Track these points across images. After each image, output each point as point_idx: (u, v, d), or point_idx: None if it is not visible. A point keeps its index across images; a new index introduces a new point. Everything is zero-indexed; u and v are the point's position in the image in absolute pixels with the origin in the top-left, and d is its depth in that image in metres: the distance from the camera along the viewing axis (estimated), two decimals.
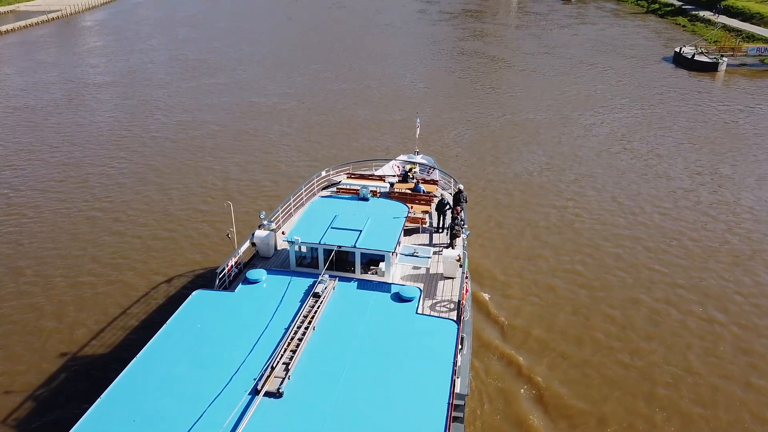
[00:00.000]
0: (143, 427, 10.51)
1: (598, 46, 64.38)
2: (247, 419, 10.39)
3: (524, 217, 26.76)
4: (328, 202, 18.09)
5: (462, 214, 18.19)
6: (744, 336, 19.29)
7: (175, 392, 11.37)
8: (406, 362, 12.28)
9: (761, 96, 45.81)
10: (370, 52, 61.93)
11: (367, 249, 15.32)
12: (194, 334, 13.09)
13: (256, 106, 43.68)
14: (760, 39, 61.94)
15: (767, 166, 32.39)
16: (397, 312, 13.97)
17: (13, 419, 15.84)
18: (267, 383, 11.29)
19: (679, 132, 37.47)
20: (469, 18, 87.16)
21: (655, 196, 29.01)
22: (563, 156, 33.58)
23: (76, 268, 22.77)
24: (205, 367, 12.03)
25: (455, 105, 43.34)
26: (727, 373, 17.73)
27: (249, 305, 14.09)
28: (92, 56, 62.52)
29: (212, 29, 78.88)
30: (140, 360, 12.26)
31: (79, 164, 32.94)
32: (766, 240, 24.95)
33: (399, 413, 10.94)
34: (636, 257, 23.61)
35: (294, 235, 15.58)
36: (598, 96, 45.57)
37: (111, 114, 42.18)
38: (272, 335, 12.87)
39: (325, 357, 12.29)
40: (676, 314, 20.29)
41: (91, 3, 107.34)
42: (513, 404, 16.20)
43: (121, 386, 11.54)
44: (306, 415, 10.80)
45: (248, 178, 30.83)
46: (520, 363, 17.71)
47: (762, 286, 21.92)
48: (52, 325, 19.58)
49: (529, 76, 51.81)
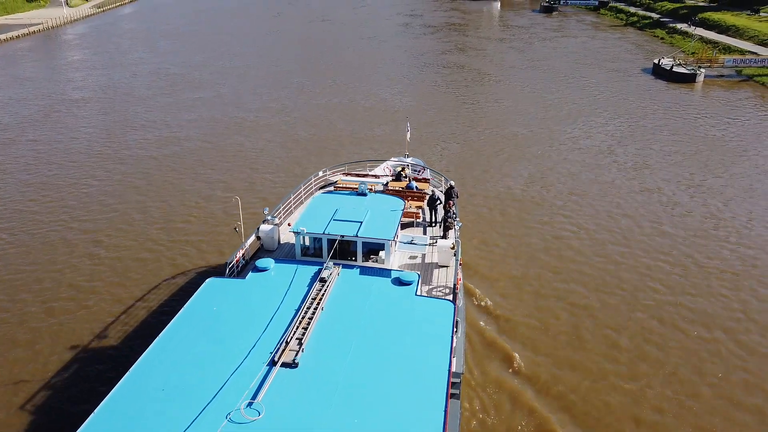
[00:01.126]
0: (172, 396, 11.50)
1: (580, 59, 65.17)
2: (266, 386, 11.46)
3: (514, 234, 26.38)
4: (329, 197, 19.31)
5: (454, 207, 19.48)
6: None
7: (198, 365, 12.30)
8: (407, 339, 13.35)
9: (740, 107, 46.57)
10: (354, 66, 62.08)
11: (369, 238, 16.33)
12: (211, 316, 14.07)
13: (239, 121, 43.30)
14: (736, 50, 63.19)
15: (753, 179, 32.40)
16: (397, 294, 14.99)
17: (55, 388, 17.43)
18: (283, 355, 12.35)
19: (664, 144, 37.67)
20: (452, 31, 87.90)
21: (644, 207, 29.01)
22: (551, 171, 33.37)
23: (66, 281, 22.32)
24: (224, 343, 12.98)
25: (440, 119, 43.29)
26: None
27: (260, 290, 15.05)
28: (71, 71, 62.02)
29: (195, 43, 78.63)
30: (162, 339, 13.20)
31: (55, 183, 32.24)
32: (761, 255, 24.91)
33: (403, 385, 11.90)
34: (631, 274, 23.48)
35: (299, 226, 16.63)
36: (582, 109, 45.91)
37: (88, 131, 41.56)
38: (284, 315, 13.85)
39: (334, 333, 13.31)
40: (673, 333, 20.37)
41: (73, 16, 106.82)
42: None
43: (147, 362, 12.49)
44: (319, 382, 11.83)
45: (230, 195, 30.17)
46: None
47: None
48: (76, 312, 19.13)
49: (514, 89, 52.17)
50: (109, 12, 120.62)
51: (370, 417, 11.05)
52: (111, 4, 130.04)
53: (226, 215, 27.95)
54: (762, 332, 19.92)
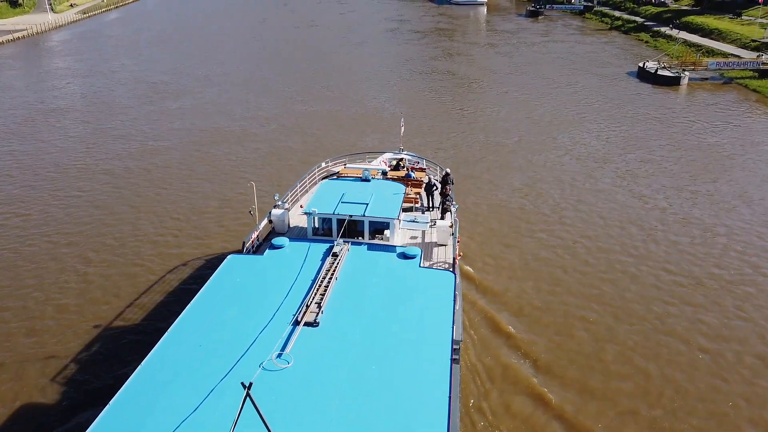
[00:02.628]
0: (209, 351, 12.93)
1: (567, 63, 65.70)
2: (292, 342, 12.97)
3: (511, 244, 26.21)
4: (336, 183, 20.95)
5: (450, 192, 21.24)
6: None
7: (229, 327, 13.78)
8: (413, 303, 14.92)
9: (726, 109, 47.02)
10: (343, 72, 61.95)
11: (375, 217, 18.00)
12: (235, 286, 15.61)
13: (222, 130, 42.32)
14: (719, 53, 64.07)
15: (744, 184, 32.11)
16: (403, 266, 16.66)
17: (107, 350, 19.46)
18: (305, 316, 13.84)
19: (656, 150, 37.29)
20: (440, 36, 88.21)
21: (641, 217, 28.80)
22: (544, 180, 32.79)
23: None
24: (251, 308, 14.48)
25: (429, 128, 42.63)
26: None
27: (278, 264, 16.64)
28: (52, 78, 61.21)
29: (179, 50, 78.11)
30: (193, 306, 14.59)
31: (19, 199, 31.09)
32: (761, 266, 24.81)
33: (411, 343, 13.39)
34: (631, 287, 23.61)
35: (311, 207, 18.32)
36: (570, 113, 46.07)
37: (64, 143, 40.14)
38: (302, 284, 15.40)
39: (348, 298, 14.86)
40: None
41: (58, 22, 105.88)
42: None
43: (182, 325, 13.92)
44: (338, 339, 13.39)
45: (213, 206, 29.59)
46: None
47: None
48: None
49: (502, 95, 52.25)
50: (95, 18, 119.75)
51: (384, 368, 12.57)
52: (96, 10, 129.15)
53: (217, 225, 27.73)
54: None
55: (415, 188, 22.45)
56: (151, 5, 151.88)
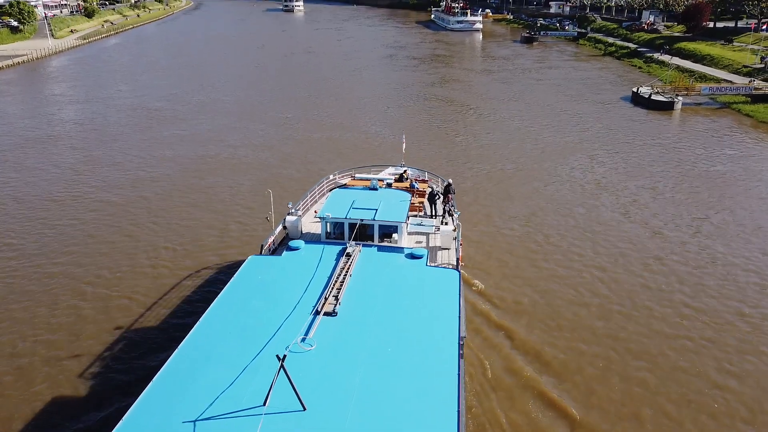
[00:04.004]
0: (238, 336, 14.20)
1: (563, 89, 66.32)
2: (314, 329, 14.18)
3: (519, 276, 25.83)
4: (346, 191, 22.39)
5: (452, 201, 22.88)
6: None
7: (255, 316, 15.06)
8: (422, 298, 16.18)
9: (721, 135, 47.19)
10: (340, 99, 62.15)
11: (384, 221, 19.41)
12: (258, 282, 16.97)
13: (216, 159, 41.50)
14: (712, 79, 64.92)
15: (747, 213, 31.50)
16: (411, 265, 17.91)
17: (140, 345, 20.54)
18: (324, 307, 15.04)
19: (657, 178, 36.80)
20: (437, 63, 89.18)
21: (646, 249, 28.27)
22: (546, 210, 32.07)
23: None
24: (274, 300, 15.75)
25: (429, 156, 41.46)
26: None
27: (296, 263, 17.85)
28: (48, 105, 61.32)
29: (177, 76, 78.67)
30: (220, 300, 15.83)
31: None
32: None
33: (421, 332, 14.56)
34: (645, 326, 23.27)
35: (324, 213, 19.69)
36: (568, 140, 45.59)
37: (58, 171, 38.91)
38: (319, 280, 16.62)
39: (363, 292, 16.08)
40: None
41: (58, 48, 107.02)
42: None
43: (211, 315, 15.14)
44: (355, 327, 14.56)
45: (203, 240, 28.38)
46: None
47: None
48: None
49: (499, 122, 52.03)
50: (95, 43, 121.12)
51: (398, 352, 13.73)
52: (97, 36, 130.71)
53: (214, 254, 27.42)
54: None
55: (419, 198, 23.87)
56: (151, 31, 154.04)
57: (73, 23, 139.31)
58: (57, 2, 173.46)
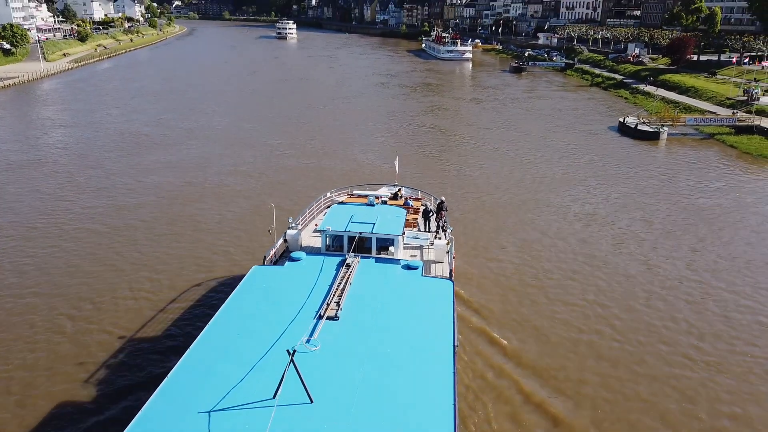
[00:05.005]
0: (247, 338, 15.07)
1: (552, 119, 67.13)
2: (318, 332, 15.03)
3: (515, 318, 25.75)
4: (345, 207, 23.43)
5: (445, 217, 24.07)
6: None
7: (262, 319, 15.95)
8: (418, 307, 17.10)
9: (708, 166, 47.65)
10: (330, 127, 62.23)
11: (382, 234, 20.38)
12: (262, 290, 17.81)
13: (202, 186, 40.60)
14: (696, 110, 66.21)
15: (740, 247, 31.17)
16: (407, 275, 18.90)
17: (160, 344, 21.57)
18: (327, 311, 15.94)
19: (648, 209, 36.48)
20: (428, 91, 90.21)
21: (641, 285, 28.19)
22: (541, 242, 31.65)
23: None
24: (279, 305, 16.58)
25: (420, 185, 39.21)
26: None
27: (298, 273, 18.81)
28: (35, 128, 60.87)
29: (166, 101, 78.84)
30: (226, 307, 16.62)
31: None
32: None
33: (417, 337, 15.49)
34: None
35: (325, 226, 20.62)
36: (558, 171, 45.52)
37: (38, 197, 37.88)
38: (321, 288, 17.53)
39: (362, 299, 16.93)
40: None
41: (50, 71, 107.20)
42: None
43: (220, 320, 15.99)
44: (356, 330, 15.50)
45: (184, 271, 27.53)
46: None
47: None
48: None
49: (492, 152, 51.84)
50: (87, 67, 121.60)
51: (396, 354, 14.65)
52: (89, 60, 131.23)
53: (197, 284, 26.94)
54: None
55: (413, 215, 24.85)
56: (144, 56, 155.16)
57: (65, 47, 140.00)
58: (50, 26, 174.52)
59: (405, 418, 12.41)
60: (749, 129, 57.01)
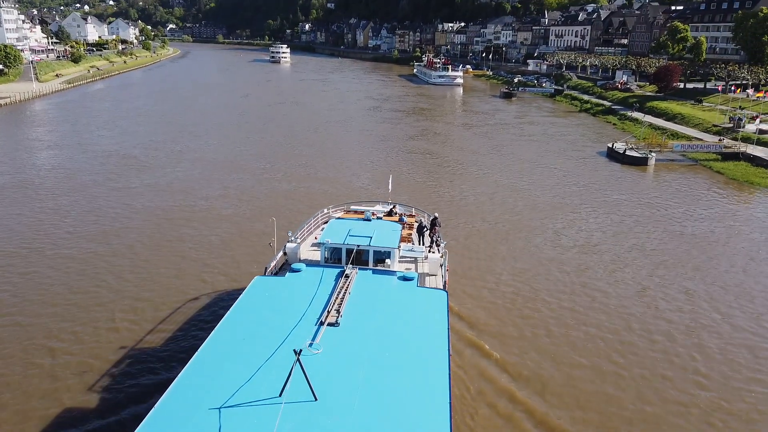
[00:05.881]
0: (252, 343, 15.75)
1: (543, 145, 67.68)
2: (319, 336, 15.82)
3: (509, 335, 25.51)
4: (343, 221, 24.46)
5: (439, 232, 25.34)
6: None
7: (266, 325, 16.69)
8: (415, 315, 17.92)
9: (694, 192, 48.09)
10: (322, 151, 62.07)
11: (379, 247, 21.19)
12: (266, 298, 18.62)
13: (188, 210, 39.68)
14: (683, 137, 67.17)
15: (737, 276, 30.83)
16: (403, 286, 19.75)
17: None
18: (328, 318, 16.68)
19: (641, 237, 36.21)
20: (420, 116, 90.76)
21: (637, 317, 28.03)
22: (537, 271, 31.09)
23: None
24: (282, 313, 17.31)
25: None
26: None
27: (299, 283, 19.62)
28: (20, 149, 60.15)
29: (157, 122, 78.71)
30: (231, 315, 17.28)
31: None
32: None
33: (413, 343, 16.22)
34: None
35: (324, 239, 21.53)
36: (549, 197, 45.36)
37: (16, 222, 36.74)
38: (322, 297, 18.31)
39: (361, 307, 17.71)
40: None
41: (42, 91, 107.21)
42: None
43: (225, 326, 16.65)
44: (356, 335, 16.27)
45: (163, 300, 26.48)
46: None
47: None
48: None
49: (483, 178, 51.71)
50: (79, 88, 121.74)
51: (394, 357, 15.42)
52: (82, 80, 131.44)
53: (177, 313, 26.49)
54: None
55: (408, 230, 25.76)
56: (137, 78, 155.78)
57: (58, 68, 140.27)
58: (44, 47, 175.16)
59: (404, 414, 13.22)
60: (735, 155, 57.85)
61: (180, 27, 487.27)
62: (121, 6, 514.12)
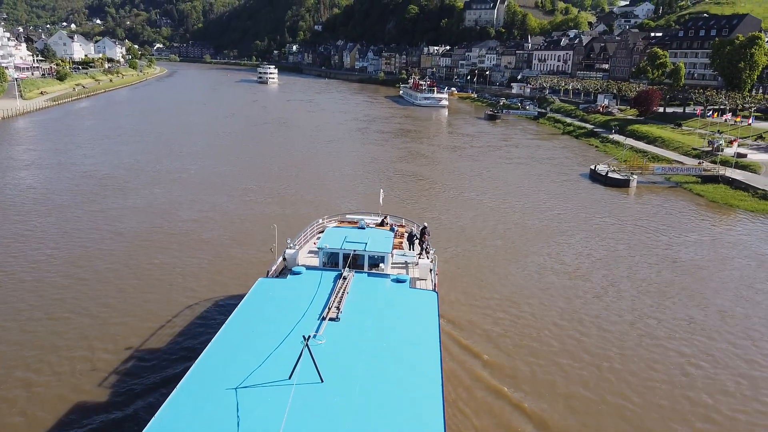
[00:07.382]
0: (261, 335, 17.03)
1: (527, 167, 68.49)
2: (322, 329, 17.10)
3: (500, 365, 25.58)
4: (339, 229, 26.23)
5: (428, 241, 26.85)
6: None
7: (272, 321, 17.96)
8: (408, 312, 19.49)
9: (677, 215, 48.85)
10: (308, 172, 61.84)
11: (373, 252, 22.76)
12: (269, 298, 19.97)
13: (169, 233, 38.67)
14: (664, 159, 68.51)
15: (722, 300, 31.09)
16: (396, 287, 21.26)
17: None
18: (329, 314, 18.04)
19: (630, 262, 36.06)
20: (406, 138, 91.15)
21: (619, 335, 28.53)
22: (528, 298, 30.80)
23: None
24: (285, 310, 18.68)
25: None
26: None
27: (300, 284, 20.98)
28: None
29: (140, 142, 78.07)
30: (237, 314, 18.44)
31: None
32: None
33: (407, 338, 17.63)
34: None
35: (322, 244, 23.13)
36: (535, 221, 45.62)
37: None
38: (322, 296, 19.66)
39: (358, 305, 19.12)
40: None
41: (25, 108, 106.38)
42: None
43: (233, 323, 17.86)
44: (356, 329, 17.62)
45: (140, 327, 25.65)
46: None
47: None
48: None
49: (468, 201, 51.76)
50: (64, 106, 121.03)
51: (391, 347, 16.95)
52: (67, 98, 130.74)
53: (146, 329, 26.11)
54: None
55: (399, 239, 27.19)
56: (122, 96, 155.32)
57: (43, 85, 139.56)
58: (29, 65, 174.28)
59: (401, 395, 14.78)
60: (714, 178, 59.10)
61: (167, 46, 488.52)
62: (108, 25, 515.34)
